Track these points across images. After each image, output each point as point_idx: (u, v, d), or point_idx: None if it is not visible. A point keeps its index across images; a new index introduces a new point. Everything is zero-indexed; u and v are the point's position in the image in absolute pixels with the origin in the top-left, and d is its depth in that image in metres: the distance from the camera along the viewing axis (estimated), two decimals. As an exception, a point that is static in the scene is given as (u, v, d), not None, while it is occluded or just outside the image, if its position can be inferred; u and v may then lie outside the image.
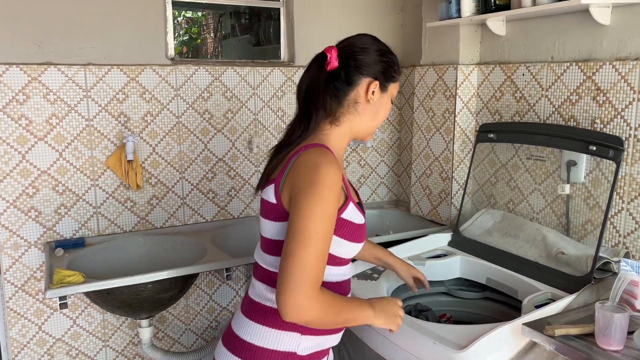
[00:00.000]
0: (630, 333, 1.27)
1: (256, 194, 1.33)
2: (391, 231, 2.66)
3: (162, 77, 2.36)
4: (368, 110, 1.28)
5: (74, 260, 2.09)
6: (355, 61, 1.24)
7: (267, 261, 1.27)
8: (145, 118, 2.36)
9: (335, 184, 1.14)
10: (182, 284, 2.04)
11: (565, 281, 1.66)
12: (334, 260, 1.26)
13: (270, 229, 1.24)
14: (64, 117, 2.21)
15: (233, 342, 1.28)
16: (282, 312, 1.10)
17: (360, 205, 1.31)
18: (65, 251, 2.16)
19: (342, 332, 1.36)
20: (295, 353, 1.23)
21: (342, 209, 1.21)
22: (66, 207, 2.27)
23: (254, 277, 1.32)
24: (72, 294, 2.06)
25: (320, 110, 1.24)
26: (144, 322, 2.17)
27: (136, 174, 2.27)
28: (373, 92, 1.26)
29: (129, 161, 2.25)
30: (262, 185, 1.28)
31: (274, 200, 1.21)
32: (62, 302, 1.82)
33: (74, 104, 2.22)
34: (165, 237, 2.37)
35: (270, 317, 1.24)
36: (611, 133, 1.78)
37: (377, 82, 1.26)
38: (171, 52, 2.39)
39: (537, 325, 1.35)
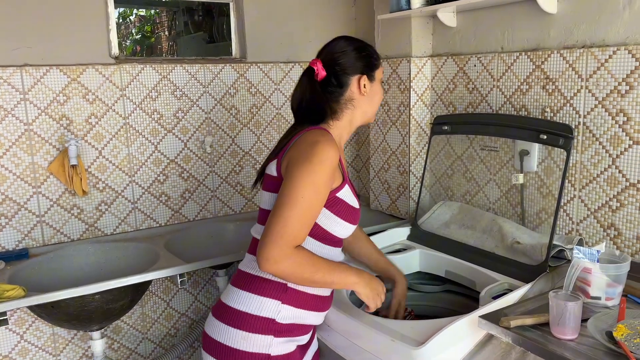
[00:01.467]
0: (584, 321, 1.27)
1: (253, 188, 1.49)
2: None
3: (106, 77, 2.25)
4: (364, 101, 1.44)
5: (17, 273, 1.97)
6: (339, 65, 1.40)
7: (260, 232, 1.33)
8: (90, 120, 2.25)
9: (330, 160, 1.27)
10: (134, 293, 1.96)
11: (521, 271, 1.66)
12: (327, 238, 1.37)
13: (268, 200, 1.37)
14: (0, 122, 2.09)
15: (220, 310, 1.40)
16: (258, 262, 1.23)
17: (357, 195, 1.44)
18: (7, 264, 2.03)
19: (324, 312, 1.46)
20: (274, 320, 1.34)
21: (338, 188, 1.34)
22: (7, 217, 2.14)
23: (247, 252, 1.44)
24: (15, 309, 1.95)
25: (320, 116, 1.40)
26: (96, 334, 2.07)
27: (81, 179, 2.16)
28: (364, 86, 1.42)
29: (72, 166, 2.14)
30: (262, 170, 1.43)
31: (275, 174, 1.35)
32: (1, 317, 1.71)
33: (11, 107, 2.10)
34: (116, 244, 2.27)
35: (254, 283, 1.36)
36: (561, 121, 1.79)
37: (364, 76, 1.42)
38: (115, 50, 2.29)
39: (493, 317, 1.34)
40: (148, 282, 2.02)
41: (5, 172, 2.12)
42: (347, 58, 1.40)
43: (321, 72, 1.39)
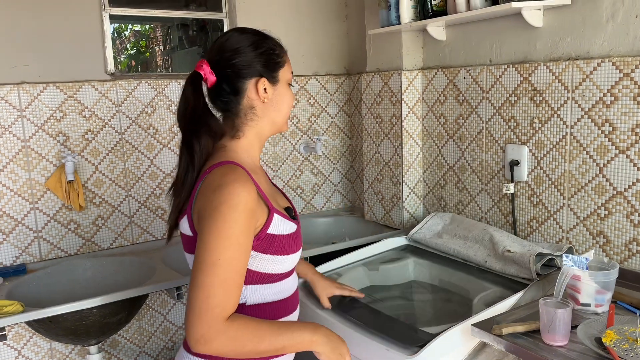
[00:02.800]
0: (574, 327, 1.29)
1: (168, 243, 1.23)
2: (347, 238, 2.65)
3: (102, 93, 2.28)
4: (269, 108, 1.19)
5: (15, 289, 1.98)
6: (232, 68, 1.15)
7: None
8: (86, 136, 2.27)
9: (242, 202, 1.04)
10: (130, 307, 1.97)
11: (512, 279, 1.69)
12: (272, 278, 1.17)
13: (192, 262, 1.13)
14: (-3, 138, 2.11)
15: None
16: (189, 344, 1.03)
17: (289, 211, 1.22)
18: (5, 279, 2.05)
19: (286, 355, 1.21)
20: None
21: (266, 224, 1.12)
22: (4, 233, 2.16)
23: None
24: (13, 325, 1.96)
25: (211, 134, 1.14)
26: (93, 349, 2.08)
27: (78, 195, 2.19)
28: (265, 90, 1.17)
29: (69, 181, 2.16)
30: (173, 224, 1.18)
31: (190, 233, 1.13)
32: (0, 333, 1.72)
33: (8, 124, 2.12)
34: (112, 258, 2.28)
35: None
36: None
37: (264, 79, 1.17)
38: (111, 67, 2.32)
39: (485, 325, 1.36)
40: (145, 296, 2.04)
41: (3, 189, 2.14)
42: (241, 57, 1.15)
43: (210, 77, 1.14)
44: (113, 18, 2.35)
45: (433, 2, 2.05)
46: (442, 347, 1.37)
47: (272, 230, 1.14)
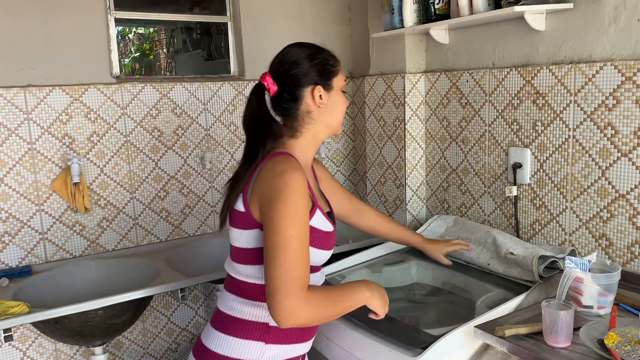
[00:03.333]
0: (577, 329, 1.30)
1: (221, 229, 1.34)
2: (350, 240, 2.66)
3: (107, 96, 2.30)
4: (324, 113, 1.32)
5: (20, 290, 2.00)
6: (291, 78, 1.29)
7: (236, 270, 1.29)
8: (92, 138, 2.29)
9: (302, 186, 1.17)
10: (135, 308, 1.98)
11: (515, 281, 1.69)
12: None
13: (239, 237, 1.26)
14: (3, 141, 2.13)
15: (201, 352, 1.31)
16: (277, 321, 1.13)
17: (330, 215, 1.36)
18: (10, 281, 2.06)
19: (310, 340, 1.37)
20: None
21: (310, 215, 1.22)
22: (10, 235, 2.18)
23: (224, 288, 1.35)
24: (18, 326, 1.97)
25: (274, 135, 1.29)
26: (98, 350, 2.09)
27: (83, 197, 2.20)
28: (320, 97, 1.30)
29: (75, 183, 2.18)
30: (226, 213, 1.29)
31: (242, 209, 1.24)
32: (6, 334, 1.74)
33: (14, 127, 2.14)
34: (117, 260, 2.30)
35: (235, 326, 1.27)
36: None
37: (319, 87, 1.30)
38: (116, 70, 2.34)
39: (488, 327, 1.37)
40: (149, 297, 2.05)
41: (9, 191, 2.16)
42: (299, 68, 1.29)
43: (272, 87, 1.29)
44: (118, 21, 2.37)
45: (436, 6, 2.06)
46: (445, 349, 1.38)
47: (313, 223, 1.25)
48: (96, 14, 2.27)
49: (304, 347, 1.35)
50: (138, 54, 4.72)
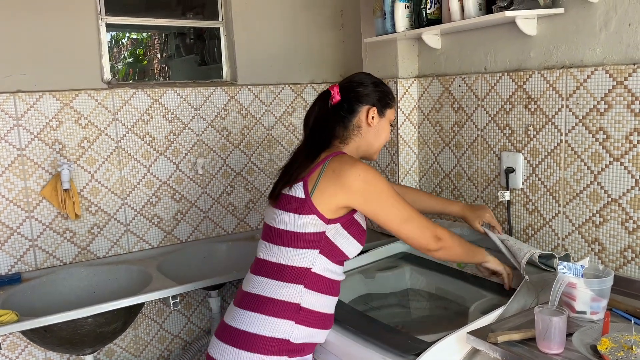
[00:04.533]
0: (570, 335, 1.29)
1: (271, 205, 1.49)
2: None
3: (98, 102, 2.29)
4: (370, 133, 1.50)
5: (9, 298, 1.97)
6: (354, 93, 1.48)
7: (275, 253, 1.41)
8: (82, 144, 2.27)
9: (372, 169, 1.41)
10: (126, 316, 1.96)
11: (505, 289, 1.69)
12: (337, 256, 1.43)
13: (289, 220, 1.39)
14: (-7, 147, 2.11)
15: (229, 334, 1.39)
16: (428, 248, 1.45)
17: None
18: (-1, 289, 2.04)
19: (328, 330, 1.48)
20: (289, 340, 1.36)
21: (355, 209, 1.41)
22: (-1, 242, 2.16)
23: (251, 272, 1.46)
24: (7, 334, 1.95)
25: (328, 136, 1.48)
26: (89, 358, 2.07)
27: (74, 203, 2.18)
28: (373, 117, 1.49)
29: (65, 190, 2.16)
30: (278, 193, 1.44)
31: (302, 196, 1.37)
32: (-6, 343, 1.71)
33: (4, 133, 2.12)
34: (108, 266, 2.28)
35: (267, 305, 1.37)
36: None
37: (374, 109, 1.49)
38: (107, 75, 2.33)
39: (481, 333, 1.36)
40: (141, 305, 2.03)
41: (-2, 197, 2.13)
42: (363, 88, 1.49)
43: (336, 97, 1.47)
44: (110, 27, 2.36)
45: (428, 11, 2.06)
46: (438, 356, 1.37)
47: (356, 216, 1.44)
48: (87, 19, 2.25)
49: (323, 336, 1.47)
50: (131, 59, 4.71)
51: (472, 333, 1.37)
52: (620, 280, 1.58)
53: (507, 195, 1.96)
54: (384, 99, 1.52)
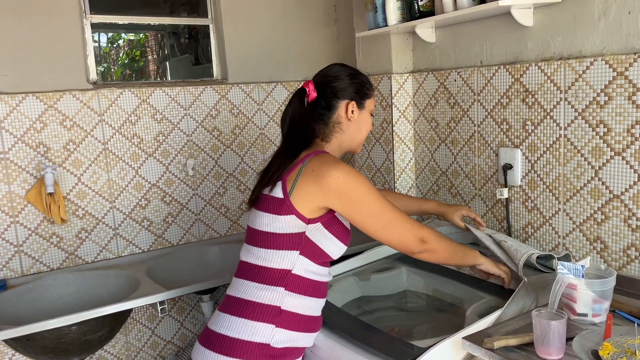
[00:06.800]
0: (570, 339, 1.23)
1: (249, 209, 1.45)
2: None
3: (83, 103, 2.23)
4: (352, 127, 1.45)
5: (-7, 306, 1.92)
6: (330, 89, 1.42)
7: (256, 255, 1.36)
8: (68, 147, 2.21)
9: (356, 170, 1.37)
10: (113, 323, 1.90)
11: (504, 289, 1.62)
12: (319, 257, 1.37)
13: (270, 222, 1.34)
14: (-25, 151, 2.05)
15: (209, 338, 1.36)
16: (414, 251, 1.39)
17: None
18: (-17, 296, 1.98)
19: (315, 334, 1.44)
20: (269, 344, 1.31)
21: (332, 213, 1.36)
22: (-17, 248, 2.10)
23: (235, 276, 1.42)
24: (-9, 343, 1.89)
25: (308, 135, 1.42)
26: (76, 366, 2.01)
27: (59, 207, 2.12)
28: (352, 111, 1.43)
29: (49, 194, 2.10)
30: (257, 196, 1.40)
31: (280, 195, 1.33)
32: (-25, 354, 1.66)
33: (-14, 136, 2.07)
34: (96, 272, 2.22)
35: (247, 308, 1.33)
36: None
37: (353, 102, 1.44)
38: (93, 75, 2.27)
39: (476, 338, 1.29)
40: (128, 311, 1.97)
41: (-19, 202, 2.08)
42: (339, 82, 1.43)
43: (312, 94, 1.42)
44: (95, 26, 2.30)
45: (420, 3, 1.99)
46: (433, 361, 1.31)
47: (338, 215, 1.38)
48: (71, 18, 2.19)
49: (309, 340, 1.42)
50: (127, 60, 4.66)
51: (467, 338, 1.30)
52: (624, 280, 1.51)
53: (505, 193, 1.89)
54: (362, 90, 1.46)
